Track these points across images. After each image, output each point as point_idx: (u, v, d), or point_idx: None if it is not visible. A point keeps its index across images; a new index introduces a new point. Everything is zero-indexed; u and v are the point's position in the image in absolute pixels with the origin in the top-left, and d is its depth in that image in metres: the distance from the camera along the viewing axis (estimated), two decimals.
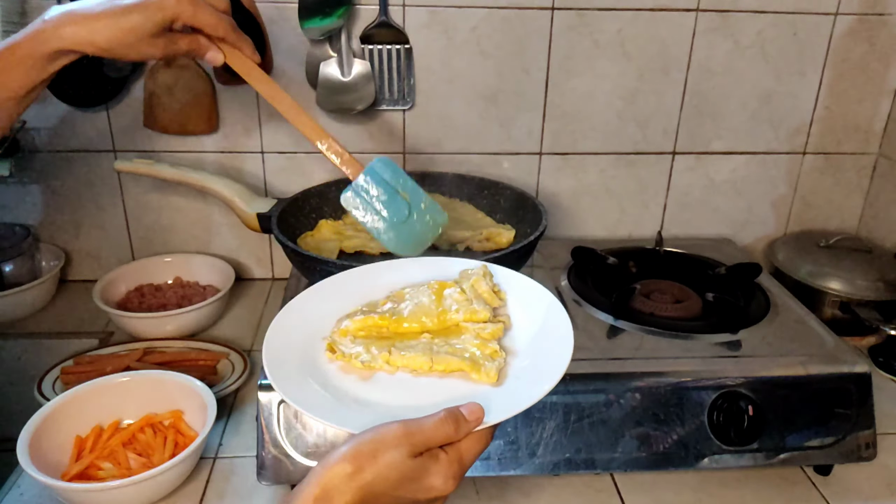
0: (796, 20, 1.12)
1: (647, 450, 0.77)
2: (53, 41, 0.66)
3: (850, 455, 0.79)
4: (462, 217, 1.05)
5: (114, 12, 0.66)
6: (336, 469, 0.50)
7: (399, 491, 0.51)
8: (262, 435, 0.74)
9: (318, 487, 0.50)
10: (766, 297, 0.96)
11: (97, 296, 1.04)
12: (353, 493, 0.50)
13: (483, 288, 0.70)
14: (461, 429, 0.53)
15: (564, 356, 0.62)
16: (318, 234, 1.00)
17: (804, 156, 1.22)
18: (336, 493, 0.50)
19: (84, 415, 0.81)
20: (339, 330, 0.67)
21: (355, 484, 0.50)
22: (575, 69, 1.13)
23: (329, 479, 0.50)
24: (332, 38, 1.06)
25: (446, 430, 0.53)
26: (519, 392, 0.60)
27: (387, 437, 0.51)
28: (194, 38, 0.73)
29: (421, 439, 0.52)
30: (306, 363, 0.64)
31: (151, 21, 0.67)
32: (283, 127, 1.13)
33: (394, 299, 0.71)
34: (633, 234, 1.26)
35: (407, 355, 0.64)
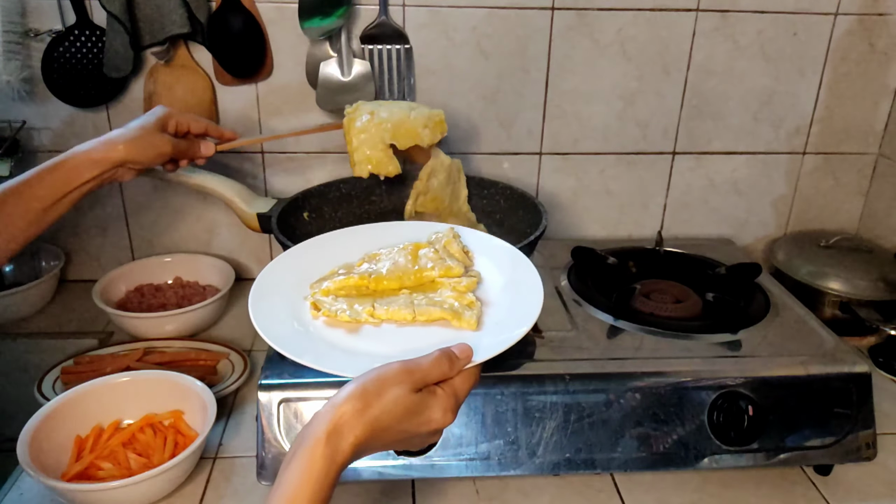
0: (796, 20, 1.12)
1: (647, 450, 0.77)
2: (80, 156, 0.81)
3: (850, 455, 0.79)
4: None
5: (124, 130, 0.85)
6: (345, 407, 0.54)
7: (403, 424, 0.56)
8: (262, 435, 0.74)
9: (329, 424, 0.53)
10: (766, 298, 0.96)
11: (97, 296, 1.04)
12: (362, 428, 0.54)
13: (454, 248, 0.76)
14: (454, 366, 0.59)
15: (536, 300, 0.68)
16: None
17: (804, 156, 1.23)
18: (347, 428, 0.53)
19: (84, 415, 0.81)
20: (321, 290, 0.71)
21: (364, 419, 0.54)
22: (575, 69, 1.13)
23: (339, 416, 0.53)
24: (332, 38, 1.06)
25: (441, 368, 0.58)
26: (500, 335, 0.64)
27: (389, 376, 0.56)
28: (189, 139, 0.92)
29: (420, 376, 0.57)
30: (294, 322, 0.68)
31: (154, 125, 0.86)
32: (283, 127, 1.13)
33: (369, 260, 0.76)
34: (633, 234, 1.26)
35: (390, 309, 0.68)
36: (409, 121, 0.93)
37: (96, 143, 0.82)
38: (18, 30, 1.01)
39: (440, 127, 0.96)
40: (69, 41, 1.03)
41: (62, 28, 1.03)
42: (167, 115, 0.88)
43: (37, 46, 1.03)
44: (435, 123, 0.95)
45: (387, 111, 0.94)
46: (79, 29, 1.03)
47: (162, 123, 0.87)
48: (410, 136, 0.93)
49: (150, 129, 0.86)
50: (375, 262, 0.75)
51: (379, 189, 1.10)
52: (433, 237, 0.79)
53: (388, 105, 0.96)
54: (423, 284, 0.73)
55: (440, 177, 1.00)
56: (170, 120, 0.89)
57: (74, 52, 1.03)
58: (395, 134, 0.93)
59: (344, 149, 1.15)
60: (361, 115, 0.93)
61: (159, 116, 0.87)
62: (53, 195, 0.79)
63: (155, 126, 0.86)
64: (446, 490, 0.80)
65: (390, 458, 0.74)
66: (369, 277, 0.72)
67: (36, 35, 1.03)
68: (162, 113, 0.88)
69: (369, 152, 0.93)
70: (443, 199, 1.01)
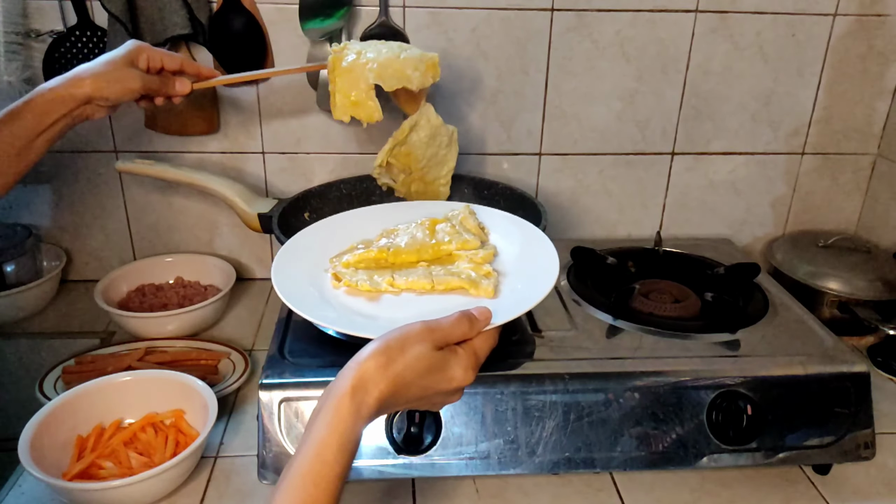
0: (795, 21, 1.13)
1: (646, 449, 0.77)
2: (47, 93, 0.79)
3: (848, 454, 0.79)
4: None
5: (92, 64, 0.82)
6: (369, 363, 0.56)
7: (425, 380, 0.58)
8: (262, 434, 0.74)
9: (354, 380, 0.55)
10: (765, 297, 0.96)
11: (98, 296, 1.04)
12: (386, 382, 0.55)
13: (471, 223, 0.79)
14: (474, 327, 0.61)
15: (552, 269, 0.72)
16: None
17: (803, 156, 1.23)
18: (371, 383, 0.55)
19: (85, 414, 0.81)
20: (342, 263, 0.75)
21: (388, 373, 0.56)
22: (574, 70, 1.13)
23: (364, 371, 0.55)
24: (332, 39, 1.07)
25: (462, 328, 0.60)
26: (517, 300, 0.68)
27: (412, 334, 0.58)
28: (163, 76, 0.87)
29: (441, 336, 0.59)
30: (316, 292, 0.72)
31: (123, 59, 0.82)
32: (283, 127, 1.13)
33: (387, 235, 0.80)
34: (633, 234, 1.26)
35: (409, 279, 0.72)
36: (397, 61, 0.86)
37: (62, 79, 0.79)
38: (20, 30, 1.01)
39: (432, 70, 0.89)
40: (70, 42, 1.03)
41: (63, 29, 1.03)
42: (138, 49, 0.84)
43: (38, 47, 1.04)
44: (427, 66, 0.88)
45: (374, 51, 0.88)
46: (80, 30, 1.03)
47: (131, 58, 0.83)
48: (398, 77, 0.86)
49: (117, 63, 0.82)
50: (394, 237, 0.78)
51: (379, 190, 1.10)
52: (450, 214, 0.82)
53: (378, 45, 0.90)
54: (440, 258, 0.76)
55: (422, 133, 0.93)
56: (140, 54, 0.84)
57: (76, 53, 1.04)
58: (380, 73, 0.85)
59: (344, 149, 1.16)
60: (348, 55, 0.88)
61: (129, 50, 0.83)
62: (25, 136, 0.77)
63: (123, 60, 0.82)
64: (446, 489, 0.80)
65: (390, 458, 0.75)
66: (388, 251, 0.76)
67: (37, 36, 1.03)
68: (132, 46, 0.84)
69: (353, 95, 0.86)
70: (418, 159, 0.94)
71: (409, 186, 0.99)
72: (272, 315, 1.11)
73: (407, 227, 0.80)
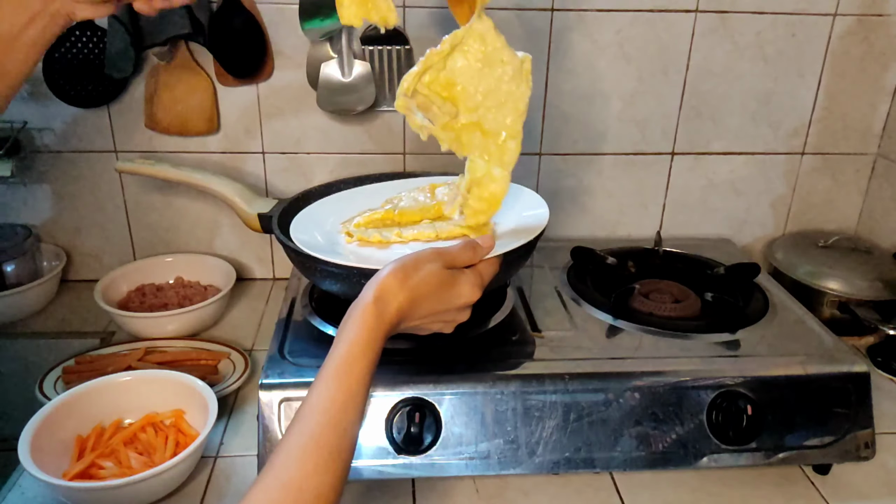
0: (795, 21, 1.13)
1: (646, 449, 0.77)
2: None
3: (848, 454, 0.79)
4: None
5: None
6: (388, 279, 0.63)
7: (438, 294, 0.65)
8: (262, 434, 0.74)
9: (377, 291, 0.62)
10: (765, 297, 0.97)
11: (98, 295, 1.04)
12: (405, 294, 0.63)
13: None
14: (478, 253, 0.70)
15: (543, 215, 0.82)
16: None
17: (803, 156, 1.23)
18: (390, 295, 0.63)
19: (85, 414, 0.81)
20: (353, 224, 0.83)
21: (406, 286, 0.63)
22: (574, 70, 1.13)
23: (383, 286, 0.63)
24: (332, 40, 1.07)
25: (468, 253, 0.69)
26: (517, 237, 0.76)
27: (424, 256, 0.66)
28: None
29: (449, 258, 0.67)
30: (331, 247, 0.81)
31: None
32: (283, 127, 1.13)
33: (391, 201, 0.87)
34: (633, 234, 1.26)
35: (414, 231, 0.80)
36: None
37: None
38: None
39: None
40: (70, 41, 1.03)
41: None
42: None
43: None
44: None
45: None
46: (80, 29, 1.03)
47: None
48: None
49: None
50: (398, 202, 0.86)
51: None
52: (450, 181, 0.88)
53: None
54: (442, 216, 0.83)
55: (471, 58, 0.69)
56: None
57: (76, 53, 1.04)
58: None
59: (344, 149, 1.16)
60: None
61: None
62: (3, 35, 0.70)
63: None
64: (446, 489, 0.80)
65: (390, 458, 0.75)
66: (394, 212, 0.83)
67: None
68: None
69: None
70: (468, 95, 0.71)
71: (459, 135, 0.74)
72: (272, 315, 1.11)
73: (409, 192, 0.87)
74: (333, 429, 0.57)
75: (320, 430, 0.56)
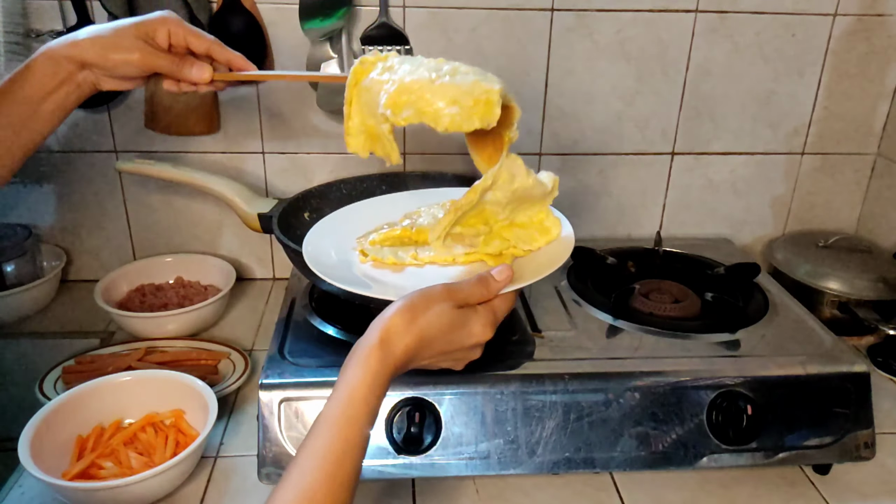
0: (795, 21, 1.13)
1: (646, 449, 0.77)
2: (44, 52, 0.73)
3: (848, 454, 0.79)
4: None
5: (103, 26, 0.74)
6: (394, 319, 0.60)
7: (448, 335, 0.62)
8: (262, 434, 0.74)
9: (381, 333, 0.59)
10: (765, 297, 0.97)
11: (98, 295, 1.04)
12: (412, 336, 0.59)
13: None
14: (492, 288, 0.65)
15: (569, 243, 0.75)
16: None
17: (803, 156, 1.23)
18: (397, 337, 0.59)
19: (85, 414, 0.81)
20: (368, 241, 0.78)
21: (413, 328, 0.60)
22: (574, 70, 1.13)
23: (389, 327, 0.59)
24: (332, 39, 1.07)
25: (481, 290, 0.64)
26: (536, 268, 0.70)
27: (434, 293, 0.62)
28: (179, 55, 0.76)
29: (461, 296, 0.63)
30: (344, 266, 0.75)
31: (135, 28, 0.73)
32: (283, 127, 1.13)
33: (410, 216, 0.82)
34: (633, 234, 1.26)
35: (430, 254, 0.74)
36: (427, 86, 0.63)
37: (63, 38, 0.73)
38: (20, 30, 1.01)
39: (482, 111, 0.63)
40: None
41: (63, 29, 1.03)
42: (158, 21, 0.74)
43: (38, 47, 1.03)
44: (476, 102, 0.62)
45: (411, 66, 0.67)
46: None
47: (146, 29, 0.74)
48: (416, 110, 0.63)
49: (125, 30, 0.73)
50: (416, 218, 0.81)
51: (380, 190, 1.10)
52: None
53: (426, 61, 0.68)
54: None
55: (499, 194, 0.70)
56: (160, 28, 0.74)
57: None
58: (394, 100, 0.63)
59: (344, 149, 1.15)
60: (374, 68, 0.68)
61: (146, 20, 0.74)
62: (28, 101, 0.72)
63: (134, 29, 0.73)
64: (446, 489, 0.80)
65: (390, 458, 0.75)
66: (411, 230, 0.79)
67: (37, 36, 1.03)
68: (154, 17, 0.74)
69: (370, 121, 0.67)
70: (497, 214, 0.74)
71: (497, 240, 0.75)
72: (272, 315, 1.11)
73: (429, 208, 0.83)
74: (329, 484, 0.54)
75: (317, 486, 0.53)
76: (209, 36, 0.77)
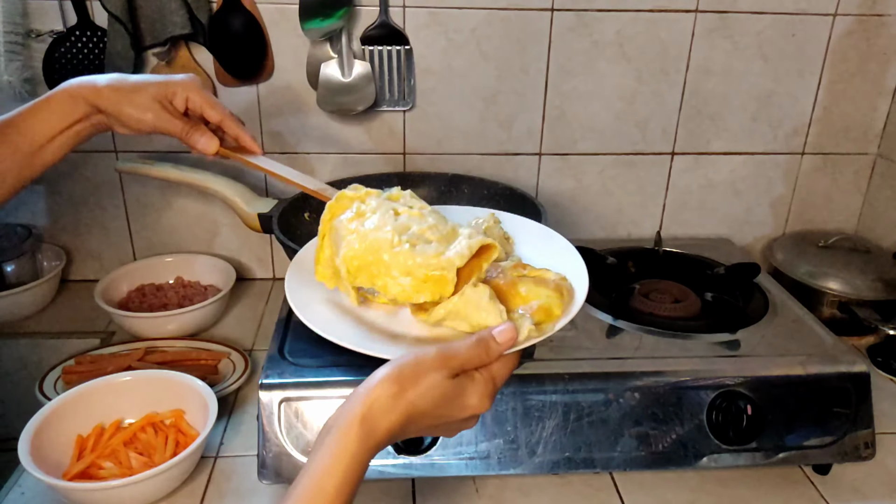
0: (795, 21, 1.13)
1: (646, 449, 0.77)
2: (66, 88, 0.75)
3: (848, 454, 0.79)
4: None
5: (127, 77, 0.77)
6: (379, 390, 0.52)
7: (440, 409, 0.55)
8: (262, 434, 0.74)
9: (363, 407, 0.52)
10: (765, 297, 0.97)
11: (98, 295, 1.04)
12: (398, 412, 0.52)
13: (495, 233, 0.72)
14: (492, 351, 0.57)
15: (581, 288, 0.64)
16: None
17: (803, 156, 1.23)
18: (382, 411, 0.52)
19: (85, 414, 0.81)
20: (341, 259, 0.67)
21: (400, 402, 0.53)
22: (574, 70, 1.13)
23: (374, 399, 0.52)
24: (332, 39, 1.07)
25: (479, 354, 0.56)
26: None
27: (426, 361, 0.54)
28: (192, 122, 0.79)
29: (457, 363, 0.55)
30: (333, 306, 0.66)
31: (156, 87, 0.76)
32: (283, 127, 1.13)
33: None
34: (633, 234, 1.26)
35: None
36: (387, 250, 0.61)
37: (86, 79, 0.75)
38: (20, 30, 1.01)
39: (434, 287, 0.60)
40: (70, 42, 1.03)
41: (63, 29, 1.03)
42: (180, 86, 0.77)
43: (38, 47, 1.04)
44: (426, 279, 0.60)
45: (378, 221, 0.63)
46: (80, 29, 1.03)
47: (167, 92, 0.76)
48: (373, 278, 0.62)
49: (145, 88, 0.75)
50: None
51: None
52: (473, 222, 0.75)
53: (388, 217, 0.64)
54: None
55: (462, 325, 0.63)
56: (180, 93, 0.77)
57: (76, 53, 1.04)
58: (355, 269, 0.62)
59: (344, 149, 1.16)
60: (349, 209, 0.67)
61: (170, 82, 0.77)
62: (43, 132, 0.74)
63: (154, 89, 0.76)
64: (446, 489, 0.80)
65: (390, 458, 0.75)
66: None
67: (37, 36, 1.03)
68: (178, 80, 0.77)
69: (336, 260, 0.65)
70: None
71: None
72: (272, 315, 1.11)
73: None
74: None
75: None
76: (225, 109, 0.80)
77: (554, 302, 0.61)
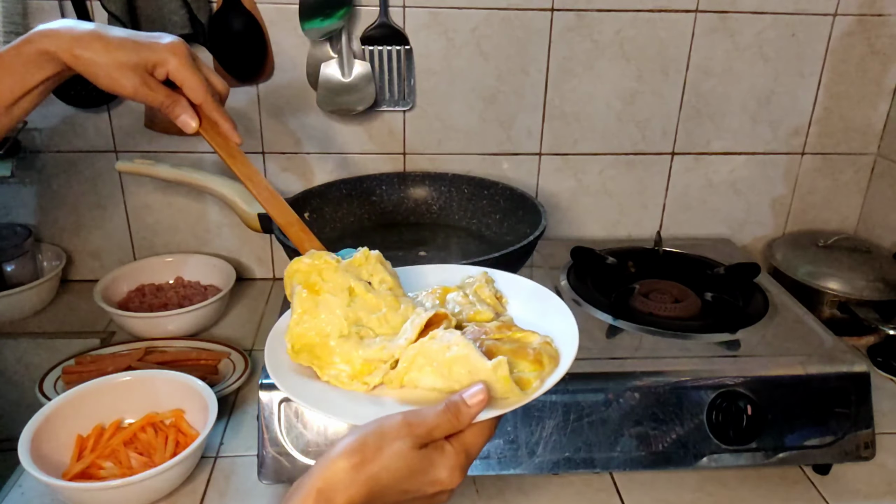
0: (795, 21, 1.13)
1: (646, 449, 0.77)
2: (38, 42, 0.65)
3: (848, 454, 0.79)
4: None
5: (107, 36, 0.66)
6: (340, 463, 0.49)
7: (405, 484, 0.50)
8: (262, 434, 0.74)
9: (321, 481, 0.48)
10: (765, 297, 0.97)
11: (98, 296, 1.04)
12: (357, 486, 0.48)
13: (486, 293, 0.69)
14: (463, 416, 0.51)
15: (569, 352, 0.60)
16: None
17: (803, 156, 1.23)
18: (340, 485, 0.48)
19: (85, 414, 0.81)
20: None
21: (361, 476, 0.49)
22: (574, 70, 1.13)
23: (333, 472, 0.49)
24: (332, 39, 1.07)
25: (449, 421, 0.51)
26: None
27: (390, 430, 0.50)
28: (173, 95, 0.70)
29: (424, 430, 0.50)
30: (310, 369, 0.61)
31: (138, 55, 0.67)
32: (283, 127, 1.13)
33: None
34: (633, 234, 1.26)
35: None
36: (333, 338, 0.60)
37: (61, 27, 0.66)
38: (20, 31, 1.01)
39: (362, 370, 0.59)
40: None
41: None
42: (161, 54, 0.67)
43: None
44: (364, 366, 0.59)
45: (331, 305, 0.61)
46: None
47: (147, 61, 0.67)
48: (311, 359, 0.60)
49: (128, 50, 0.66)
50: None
51: (380, 189, 1.10)
52: (465, 281, 0.71)
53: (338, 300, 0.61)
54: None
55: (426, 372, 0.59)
56: (163, 63, 0.67)
57: None
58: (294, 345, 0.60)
59: (344, 149, 1.16)
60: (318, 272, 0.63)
61: (153, 46, 0.67)
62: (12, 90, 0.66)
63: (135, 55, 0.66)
64: None
65: None
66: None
67: None
68: (163, 45, 0.67)
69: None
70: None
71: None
72: (272, 315, 1.11)
73: (416, 295, 0.69)
74: None
75: None
76: (206, 89, 0.71)
77: (531, 374, 0.58)
